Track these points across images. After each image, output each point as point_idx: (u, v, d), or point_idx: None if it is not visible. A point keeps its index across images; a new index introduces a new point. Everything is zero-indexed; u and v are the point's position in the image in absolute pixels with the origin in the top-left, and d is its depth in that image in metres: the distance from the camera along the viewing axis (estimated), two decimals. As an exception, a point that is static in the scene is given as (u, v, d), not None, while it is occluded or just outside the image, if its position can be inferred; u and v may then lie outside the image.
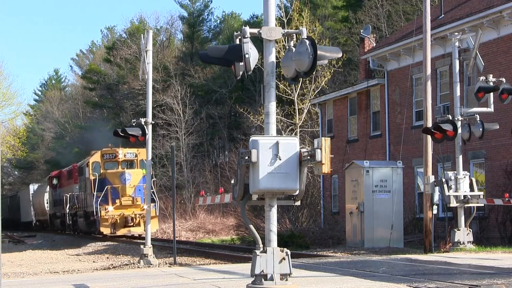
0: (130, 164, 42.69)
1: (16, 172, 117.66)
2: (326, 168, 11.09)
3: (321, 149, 11.03)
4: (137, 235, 42.12)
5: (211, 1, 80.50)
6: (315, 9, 61.29)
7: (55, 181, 57.92)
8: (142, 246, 23.51)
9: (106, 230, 40.38)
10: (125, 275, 18.51)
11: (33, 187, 72.60)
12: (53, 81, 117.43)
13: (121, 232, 40.41)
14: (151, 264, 22.90)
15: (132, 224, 40.38)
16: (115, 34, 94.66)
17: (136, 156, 42.69)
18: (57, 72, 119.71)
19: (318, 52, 11.10)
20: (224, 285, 14.50)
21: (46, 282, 17.88)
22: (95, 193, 40.54)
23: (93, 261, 27.64)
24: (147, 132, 23.11)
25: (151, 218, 38.23)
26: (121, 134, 23.22)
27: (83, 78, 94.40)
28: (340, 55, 11.84)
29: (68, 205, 49.25)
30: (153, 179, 39.04)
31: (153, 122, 24.22)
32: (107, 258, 29.03)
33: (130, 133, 22.96)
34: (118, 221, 40.17)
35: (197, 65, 67.99)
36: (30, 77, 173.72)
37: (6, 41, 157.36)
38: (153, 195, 36.82)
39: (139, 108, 66.59)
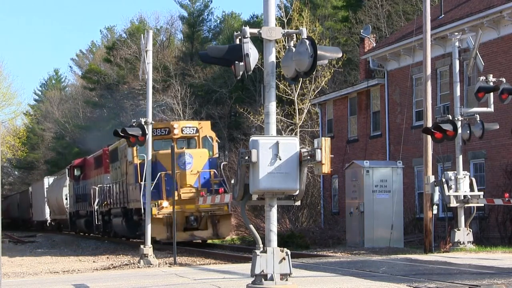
0: (189, 142, 31.87)
1: (16, 172, 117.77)
2: (326, 168, 11.09)
3: (321, 149, 11.04)
4: (203, 241, 32.59)
5: (211, 1, 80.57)
6: (315, 9, 61.30)
7: (77, 172, 47.87)
8: (142, 246, 23.51)
9: (160, 235, 29.60)
10: (125, 275, 18.52)
11: (48, 181, 63.65)
12: (53, 81, 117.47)
13: (181, 237, 29.58)
14: (151, 264, 22.91)
15: (196, 225, 30.30)
16: (115, 34, 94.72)
17: (197, 131, 31.81)
18: (57, 72, 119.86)
19: (318, 52, 11.12)
20: (224, 285, 14.50)
21: (46, 282, 17.89)
22: (142, 183, 28.84)
23: (93, 261, 27.63)
24: (147, 132, 23.12)
25: (223, 216, 30.60)
26: (121, 134, 23.25)
27: (83, 78, 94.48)
28: (340, 55, 11.86)
29: (96, 201, 40.16)
30: (223, 163, 32.74)
31: (153, 122, 24.21)
32: (107, 258, 29.02)
33: (130, 133, 22.98)
34: (176, 221, 28.59)
35: (197, 65, 68.01)
36: (30, 77, 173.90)
37: (6, 41, 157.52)
38: (224, 184, 30.56)
39: (139, 108, 66.57)
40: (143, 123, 23.14)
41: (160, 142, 31.25)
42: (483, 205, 24.98)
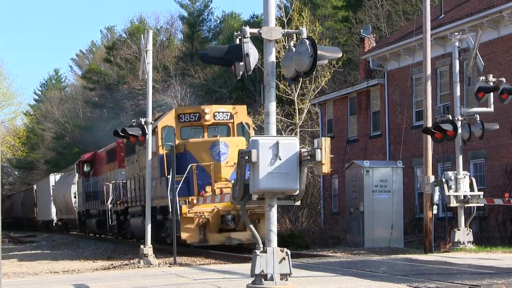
0: (223, 129, 27.76)
1: (16, 172, 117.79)
2: (326, 168, 11.10)
3: (321, 149, 11.04)
4: (239, 244, 27.48)
5: (211, 1, 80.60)
6: (315, 9, 61.28)
7: (87, 168, 44.12)
8: (142, 246, 23.51)
9: (191, 237, 25.91)
10: (125, 275, 18.52)
11: (54, 178, 60.49)
12: (53, 81, 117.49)
13: (215, 239, 26.26)
14: (151, 264, 22.91)
15: (233, 226, 26.21)
16: (115, 34, 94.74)
17: (231, 117, 27.69)
18: (57, 72, 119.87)
19: (318, 52, 11.13)
20: (224, 285, 14.50)
21: (46, 282, 17.89)
22: (169, 177, 25.59)
23: (93, 261, 27.62)
24: (147, 132, 23.13)
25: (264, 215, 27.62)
26: (121, 134, 23.28)
27: (83, 78, 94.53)
28: (340, 55, 11.88)
29: (110, 199, 36.72)
30: None
31: (153, 122, 24.22)
32: (107, 258, 29.02)
33: (130, 133, 23.01)
34: (210, 221, 26.00)
35: (197, 65, 68.01)
36: (30, 77, 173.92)
37: (6, 41, 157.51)
38: None
39: (139, 108, 66.58)
40: (143, 123, 23.17)
41: (188, 130, 27.55)
42: (483, 205, 24.99)
